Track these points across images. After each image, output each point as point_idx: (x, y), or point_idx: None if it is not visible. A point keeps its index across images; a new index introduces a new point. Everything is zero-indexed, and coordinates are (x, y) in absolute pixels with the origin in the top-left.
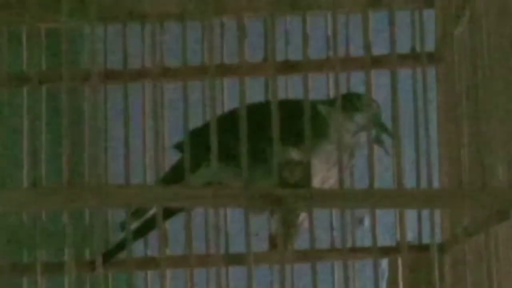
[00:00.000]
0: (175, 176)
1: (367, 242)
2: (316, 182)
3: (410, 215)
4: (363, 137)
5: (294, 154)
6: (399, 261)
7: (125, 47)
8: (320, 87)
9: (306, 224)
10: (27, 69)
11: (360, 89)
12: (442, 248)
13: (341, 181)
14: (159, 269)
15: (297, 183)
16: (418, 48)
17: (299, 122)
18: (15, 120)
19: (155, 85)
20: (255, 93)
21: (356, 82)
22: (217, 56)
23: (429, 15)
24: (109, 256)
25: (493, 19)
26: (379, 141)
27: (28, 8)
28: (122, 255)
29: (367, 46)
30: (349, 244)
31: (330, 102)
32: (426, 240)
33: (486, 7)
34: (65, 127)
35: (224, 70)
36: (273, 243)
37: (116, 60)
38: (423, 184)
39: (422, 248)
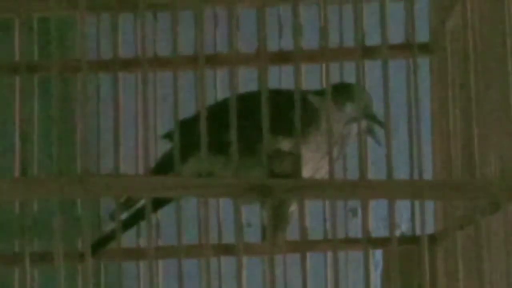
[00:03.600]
0: (165, 166)
1: (360, 234)
2: (306, 172)
3: (404, 206)
4: (355, 127)
5: (285, 145)
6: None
7: (115, 36)
8: (313, 77)
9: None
10: (18, 58)
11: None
12: (434, 240)
13: (331, 171)
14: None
15: (287, 174)
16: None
17: (289, 113)
18: (7, 109)
19: (146, 75)
20: (250, 83)
21: (351, 72)
22: (210, 46)
23: (424, 5)
24: (98, 247)
25: (485, 10)
26: (370, 132)
27: None
28: (113, 245)
29: (358, 37)
30: (342, 235)
31: (321, 93)
32: (419, 231)
33: None
34: (55, 117)
35: (216, 60)
36: (265, 234)
37: (108, 50)
38: (416, 175)
39: (415, 240)
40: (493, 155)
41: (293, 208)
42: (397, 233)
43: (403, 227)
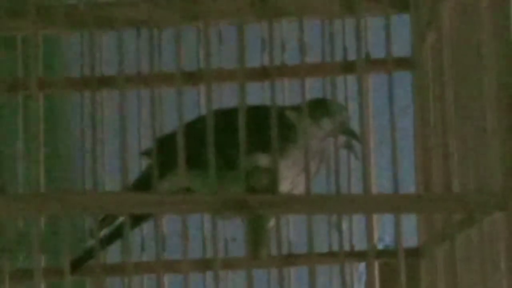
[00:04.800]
0: (143, 183)
1: (346, 247)
2: (284, 187)
3: (389, 219)
4: (336, 141)
5: (262, 160)
6: (375, 265)
7: (93, 54)
8: (296, 94)
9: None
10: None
11: (339, 95)
12: (416, 253)
13: (307, 186)
14: (127, 276)
15: (265, 189)
16: (394, 53)
17: (267, 128)
18: None
19: (124, 92)
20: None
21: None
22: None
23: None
24: (78, 263)
25: (461, 24)
26: (349, 147)
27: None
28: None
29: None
30: (325, 249)
31: (298, 108)
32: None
33: (453, 13)
34: (36, 134)
35: (196, 77)
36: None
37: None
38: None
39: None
40: (471, 169)
41: (273, 223)
42: (380, 246)
43: (387, 240)
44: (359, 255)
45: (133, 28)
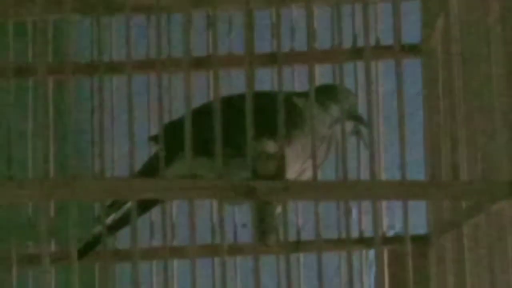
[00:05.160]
0: (150, 169)
1: (354, 234)
2: (291, 174)
3: (399, 206)
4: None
5: (269, 146)
6: (384, 252)
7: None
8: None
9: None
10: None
11: (349, 81)
12: (425, 240)
13: (315, 173)
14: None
15: (272, 175)
16: (402, 40)
17: (274, 114)
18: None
19: (131, 78)
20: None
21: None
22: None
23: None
24: (85, 249)
25: (469, 12)
26: (357, 133)
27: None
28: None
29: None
30: (335, 236)
31: (306, 94)
32: (413, 231)
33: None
34: (42, 120)
35: (206, 63)
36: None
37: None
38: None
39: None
40: (479, 157)
41: (280, 209)
42: (391, 233)
43: (398, 228)
44: (368, 242)
45: (142, 14)
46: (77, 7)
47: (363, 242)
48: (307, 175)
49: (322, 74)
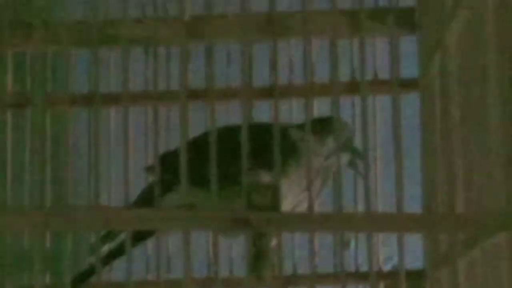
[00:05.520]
0: (146, 199)
1: (351, 267)
2: (287, 206)
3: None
4: (340, 160)
5: (265, 178)
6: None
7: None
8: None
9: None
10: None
11: (347, 115)
12: (421, 275)
13: (310, 205)
14: None
15: (267, 207)
16: (401, 75)
17: (269, 146)
18: None
19: (127, 109)
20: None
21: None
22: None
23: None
24: (79, 280)
25: (467, 47)
26: (353, 165)
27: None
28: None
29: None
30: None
31: (302, 126)
32: (409, 266)
33: (460, 34)
34: (33, 150)
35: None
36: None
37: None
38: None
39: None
40: (475, 190)
41: (275, 242)
42: (388, 266)
43: (396, 260)
44: (363, 277)
45: (140, 46)
46: (74, 40)
47: (359, 276)
48: (303, 207)
49: (319, 108)
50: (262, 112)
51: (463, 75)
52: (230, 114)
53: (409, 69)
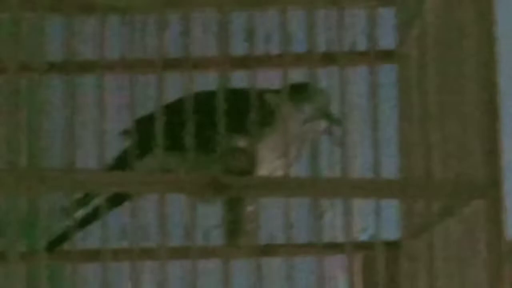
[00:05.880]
0: (121, 163)
1: (326, 238)
2: (262, 171)
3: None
4: (316, 126)
5: (240, 142)
6: (357, 257)
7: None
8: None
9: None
10: None
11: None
12: (397, 245)
13: (286, 170)
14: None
15: (242, 171)
16: (377, 46)
17: (245, 111)
18: None
19: (102, 77)
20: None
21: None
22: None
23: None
24: (54, 244)
25: (444, 18)
26: (329, 132)
27: None
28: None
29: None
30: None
31: (279, 92)
32: (385, 236)
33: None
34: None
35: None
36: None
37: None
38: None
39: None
40: (452, 158)
41: (251, 208)
42: (364, 236)
43: (370, 231)
44: (339, 247)
45: (116, 14)
46: (51, 6)
47: (335, 246)
48: (279, 173)
49: (295, 79)
50: (239, 82)
51: (440, 45)
52: (206, 84)
53: (386, 40)
